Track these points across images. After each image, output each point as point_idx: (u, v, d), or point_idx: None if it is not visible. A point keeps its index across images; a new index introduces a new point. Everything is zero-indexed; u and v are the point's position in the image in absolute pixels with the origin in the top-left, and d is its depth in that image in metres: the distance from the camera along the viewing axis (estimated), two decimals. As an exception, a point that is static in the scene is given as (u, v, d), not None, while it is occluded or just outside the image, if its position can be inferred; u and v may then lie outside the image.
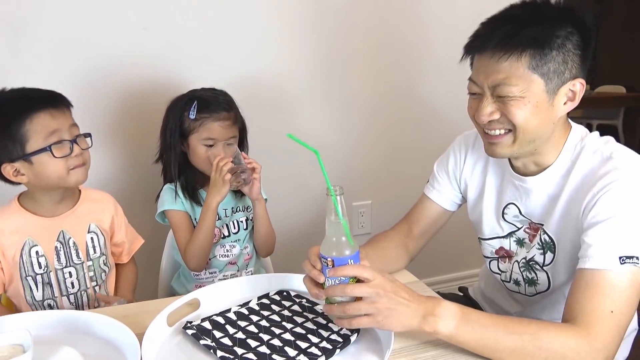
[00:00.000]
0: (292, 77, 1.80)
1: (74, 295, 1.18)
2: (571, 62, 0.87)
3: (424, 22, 1.93)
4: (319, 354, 0.81)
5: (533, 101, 0.88)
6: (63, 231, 1.16)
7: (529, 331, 0.78)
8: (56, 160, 1.07)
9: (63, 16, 1.48)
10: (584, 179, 0.92)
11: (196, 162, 1.35)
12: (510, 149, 0.93)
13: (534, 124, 0.89)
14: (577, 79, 0.90)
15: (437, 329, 0.80)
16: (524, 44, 0.85)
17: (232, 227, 1.42)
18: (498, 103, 0.90)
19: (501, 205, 1.06)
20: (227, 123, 1.33)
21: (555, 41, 0.85)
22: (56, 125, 1.07)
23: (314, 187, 1.92)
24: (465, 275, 2.22)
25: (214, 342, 0.84)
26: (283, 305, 0.97)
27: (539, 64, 0.86)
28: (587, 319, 0.79)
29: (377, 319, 0.79)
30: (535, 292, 1.06)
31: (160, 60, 1.61)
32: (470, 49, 0.93)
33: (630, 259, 0.80)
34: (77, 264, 1.18)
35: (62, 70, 1.50)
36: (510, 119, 0.89)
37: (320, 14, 1.78)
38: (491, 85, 0.89)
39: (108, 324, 0.86)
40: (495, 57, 0.87)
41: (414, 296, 0.82)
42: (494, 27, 0.89)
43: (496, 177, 1.09)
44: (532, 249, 1.02)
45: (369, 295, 0.79)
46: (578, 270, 0.84)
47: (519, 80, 0.86)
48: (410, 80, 1.97)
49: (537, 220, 1.01)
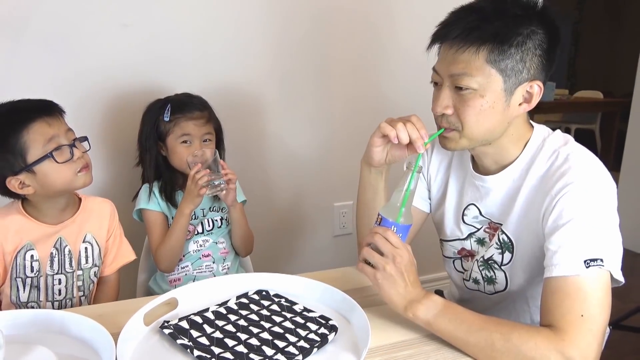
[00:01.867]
0: (270, 80, 1.80)
1: (59, 302, 1.17)
2: (530, 61, 0.87)
3: (402, 24, 1.95)
4: (296, 352, 0.81)
5: (490, 100, 0.88)
6: (61, 238, 1.15)
7: (500, 330, 0.79)
8: (59, 165, 1.07)
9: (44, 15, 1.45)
10: (541, 179, 0.93)
11: (176, 162, 1.37)
12: (460, 144, 0.95)
13: (485, 125, 0.91)
14: (534, 81, 0.89)
15: (417, 314, 0.84)
16: (484, 38, 0.85)
17: (206, 225, 1.43)
18: (455, 96, 0.91)
19: (461, 207, 1.08)
20: (200, 121, 1.35)
21: (515, 38, 0.85)
22: (53, 132, 1.07)
23: (289, 187, 1.93)
24: (442, 276, 2.24)
25: (191, 341, 0.83)
26: (262, 304, 0.97)
27: (497, 59, 0.86)
28: (559, 325, 0.79)
29: (377, 275, 0.86)
30: (494, 291, 1.07)
31: (140, 66, 1.60)
32: (435, 38, 0.93)
33: (595, 261, 0.80)
34: (69, 272, 1.17)
35: (46, 74, 1.49)
36: (461, 116, 0.90)
37: (298, 19, 1.79)
38: (450, 75, 0.89)
39: (83, 323, 0.84)
40: (454, 48, 0.88)
41: (416, 283, 0.87)
42: (459, 18, 0.89)
43: (458, 178, 1.10)
44: (491, 248, 1.03)
45: (386, 253, 0.85)
46: (546, 279, 0.84)
47: (477, 71, 0.87)
48: (388, 83, 1.99)
49: (496, 220, 1.02)
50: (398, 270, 0.85)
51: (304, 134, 1.91)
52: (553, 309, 0.81)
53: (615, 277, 0.83)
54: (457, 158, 1.11)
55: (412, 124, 0.94)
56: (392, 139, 0.95)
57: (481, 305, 1.12)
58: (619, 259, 0.84)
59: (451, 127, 0.93)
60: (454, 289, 1.24)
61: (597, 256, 0.81)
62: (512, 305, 1.07)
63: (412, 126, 0.94)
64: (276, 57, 1.79)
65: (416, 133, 0.93)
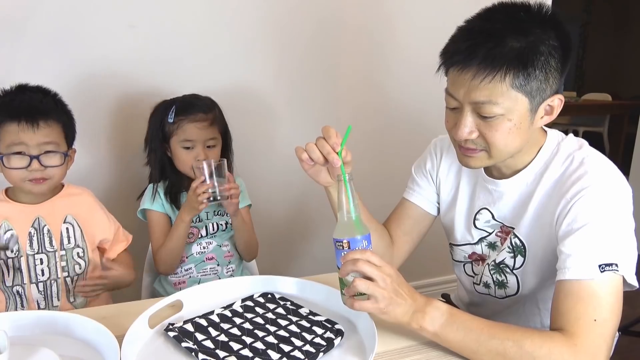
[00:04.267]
0: (277, 82, 1.80)
1: (43, 283, 1.18)
2: (552, 78, 0.85)
3: (407, 27, 1.94)
4: (302, 357, 0.80)
5: (516, 121, 0.86)
6: (39, 218, 1.18)
7: (512, 337, 0.78)
8: (8, 169, 1.11)
9: (48, 15, 1.45)
10: (555, 184, 0.92)
11: (178, 165, 1.37)
12: (487, 163, 0.93)
13: (514, 145, 0.89)
14: (556, 95, 0.88)
15: (423, 325, 0.81)
16: (507, 63, 0.81)
17: (210, 228, 1.42)
18: (478, 120, 0.87)
19: (473, 211, 1.06)
20: (203, 124, 1.33)
21: (538, 59, 0.82)
22: (19, 139, 1.10)
23: (296, 189, 1.92)
24: (449, 279, 2.23)
25: (196, 344, 0.83)
26: (267, 307, 0.96)
27: (523, 84, 0.83)
28: (571, 329, 0.78)
29: (380, 305, 0.80)
30: (505, 295, 1.05)
31: (146, 64, 1.59)
32: (449, 64, 0.88)
33: (610, 266, 0.79)
34: (50, 252, 1.18)
35: (49, 69, 1.48)
36: (488, 140, 0.88)
37: (304, 21, 1.78)
38: (472, 102, 0.86)
39: (87, 325, 0.84)
40: (478, 78, 0.82)
41: (411, 292, 0.83)
42: (475, 43, 0.83)
43: (469, 182, 1.08)
44: (503, 252, 1.02)
45: (377, 278, 0.79)
46: (558, 282, 0.83)
47: (502, 98, 0.83)
48: (393, 86, 1.98)
49: (509, 223, 1.01)
50: (394, 289, 0.81)
51: (309, 137, 1.89)
52: (565, 313, 0.80)
53: (629, 282, 0.82)
54: None
55: (322, 139, 0.90)
56: (307, 161, 0.91)
57: (491, 309, 1.10)
58: (633, 264, 0.83)
59: (478, 148, 0.91)
60: (462, 292, 1.22)
61: (612, 261, 0.80)
62: (522, 308, 1.06)
63: (321, 141, 0.89)
64: (284, 60, 1.79)
65: (326, 147, 0.88)
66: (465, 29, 0.87)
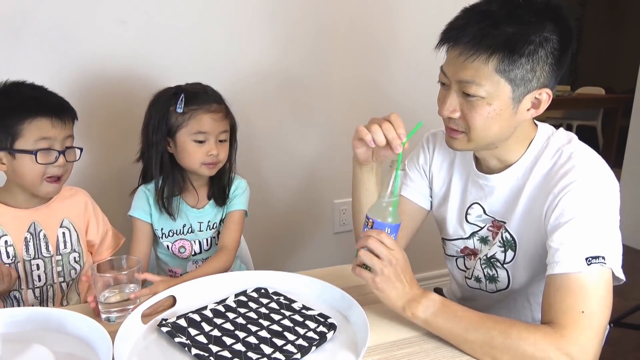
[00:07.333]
0: (272, 78, 1.79)
1: (39, 289, 1.17)
2: (540, 70, 0.85)
3: (403, 26, 1.94)
4: (294, 351, 0.81)
5: (497, 108, 0.87)
6: (35, 223, 1.15)
7: (498, 327, 0.79)
8: (36, 165, 1.08)
9: (40, 13, 1.45)
10: (544, 178, 0.92)
11: (185, 160, 1.23)
12: (467, 146, 0.94)
13: (493, 131, 0.90)
14: (544, 89, 0.88)
15: (415, 313, 0.85)
16: (494, 46, 0.82)
17: (204, 245, 1.34)
18: (462, 99, 0.89)
19: (465, 206, 1.07)
20: (218, 115, 1.22)
21: (526, 47, 0.82)
22: (52, 134, 1.08)
23: (289, 184, 1.93)
24: (442, 274, 2.24)
25: (189, 339, 0.83)
26: (260, 302, 0.96)
27: (507, 69, 0.83)
28: (559, 322, 0.79)
29: (376, 279, 0.85)
30: (496, 290, 1.06)
31: (139, 56, 1.58)
32: (444, 40, 0.90)
33: (597, 259, 0.80)
34: (46, 257, 1.17)
35: (42, 66, 1.48)
36: (468, 121, 0.89)
37: (301, 22, 1.78)
38: (458, 80, 0.88)
39: (80, 321, 0.84)
40: (464, 56, 0.85)
41: (413, 282, 0.87)
42: (470, 21, 0.85)
43: (461, 177, 1.09)
44: (494, 247, 1.02)
45: (382, 256, 0.84)
46: (548, 276, 0.84)
47: (486, 80, 0.85)
48: (387, 82, 1.98)
49: (500, 218, 1.01)
50: (395, 272, 0.85)
51: (304, 131, 1.90)
52: (554, 306, 0.81)
53: (617, 275, 0.83)
54: (460, 157, 1.10)
55: (389, 123, 0.91)
56: (368, 142, 0.92)
57: (482, 303, 1.11)
58: (620, 257, 0.84)
59: (459, 130, 0.92)
60: (455, 287, 1.23)
61: (599, 254, 0.80)
62: (513, 303, 1.06)
63: (388, 126, 0.90)
64: (279, 57, 1.78)
65: (392, 133, 0.90)
66: (466, 9, 0.89)
